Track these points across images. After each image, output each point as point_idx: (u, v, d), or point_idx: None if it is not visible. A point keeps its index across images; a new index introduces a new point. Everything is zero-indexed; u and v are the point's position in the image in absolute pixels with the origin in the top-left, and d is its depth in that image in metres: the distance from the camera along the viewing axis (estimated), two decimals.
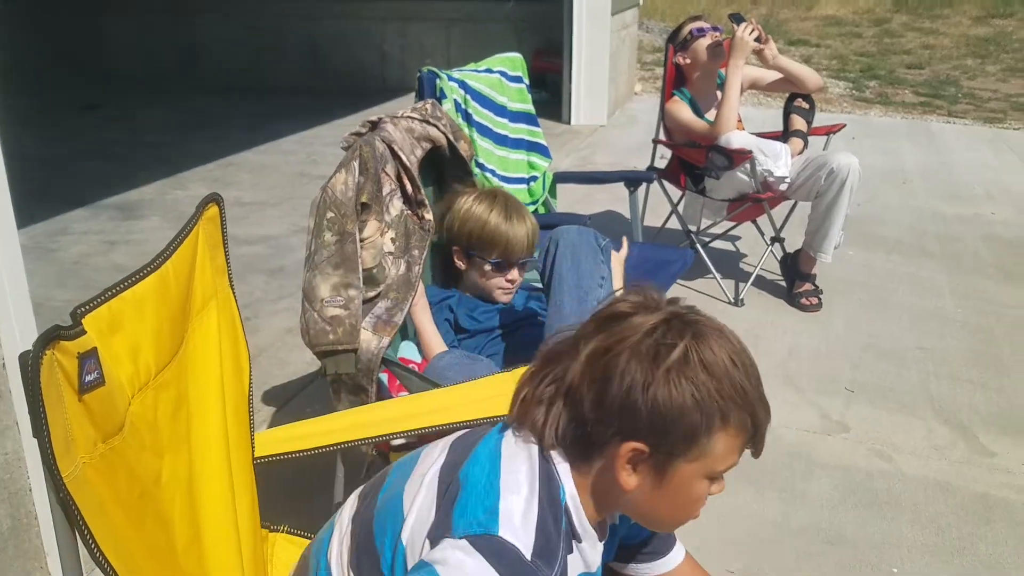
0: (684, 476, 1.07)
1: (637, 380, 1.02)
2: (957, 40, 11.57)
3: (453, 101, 2.77)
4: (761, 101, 8.09)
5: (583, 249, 1.99)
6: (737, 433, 1.07)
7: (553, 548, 1.04)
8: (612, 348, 1.05)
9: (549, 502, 1.06)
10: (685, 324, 1.07)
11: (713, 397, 1.03)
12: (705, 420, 1.04)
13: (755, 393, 1.08)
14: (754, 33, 3.56)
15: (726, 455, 1.08)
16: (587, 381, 1.06)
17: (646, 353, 1.03)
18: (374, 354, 1.91)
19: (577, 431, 1.07)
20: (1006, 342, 3.45)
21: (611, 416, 1.04)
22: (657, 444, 1.04)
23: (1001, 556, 2.28)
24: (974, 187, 5.58)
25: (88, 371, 1.06)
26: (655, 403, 1.02)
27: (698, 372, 1.03)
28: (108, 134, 7.04)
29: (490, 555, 0.99)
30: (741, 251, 4.38)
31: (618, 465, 1.06)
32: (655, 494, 1.09)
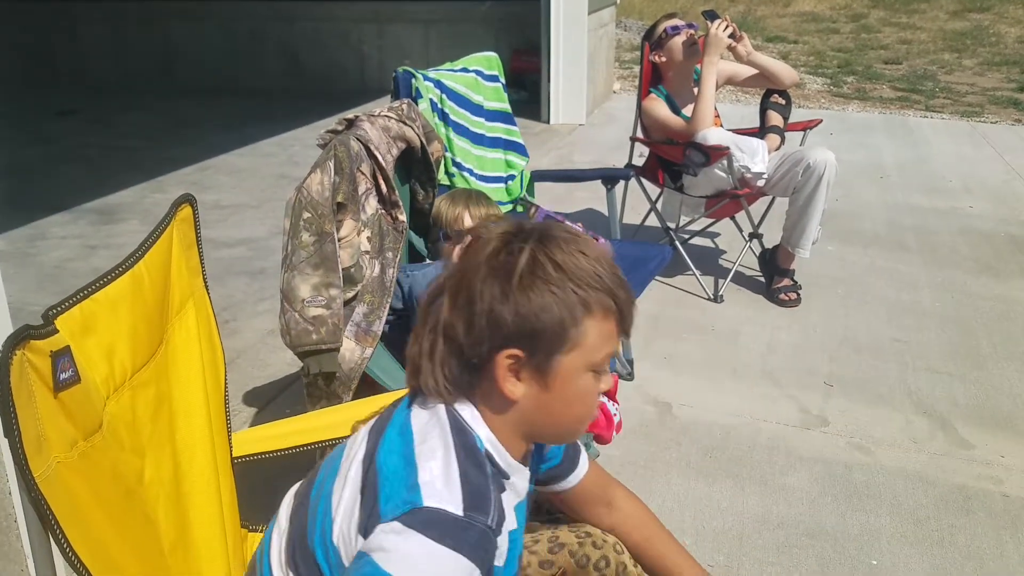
0: (566, 371, 1.11)
1: (495, 294, 1.07)
2: (934, 35, 11.65)
3: (429, 100, 2.77)
4: (739, 98, 8.13)
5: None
6: (604, 317, 1.11)
7: (484, 495, 1.07)
8: (467, 272, 1.09)
9: (467, 454, 1.09)
10: (528, 232, 1.11)
11: (570, 289, 1.07)
12: (569, 312, 1.08)
13: (610, 276, 1.11)
14: (728, 30, 3.58)
15: (601, 342, 1.11)
16: (455, 312, 1.10)
17: (497, 267, 1.08)
18: (356, 364, 1.91)
19: (460, 363, 1.11)
20: (983, 334, 3.48)
21: (482, 334, 1.08)
22: (531, 347, 1.08)
23: (980, 547, 2.30)
24: (951, 181, 5.62)
25: (62, 369, 1.06)
26: (517, 310, 1.06)
27: (549, 271, 1.07)
28: (85, 139, 6.99)
29: (423, 527, 1.01)
30: (720, 247, 4.39)
31: (500, 377, 1.09)
32: (544, 397, 1.12)
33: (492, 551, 1.05)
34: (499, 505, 1.09)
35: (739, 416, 2.90)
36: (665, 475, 2.60)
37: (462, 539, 1.02)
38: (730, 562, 2.24)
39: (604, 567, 1.36)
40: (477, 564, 1.02)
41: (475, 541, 1.03)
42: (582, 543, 1.36)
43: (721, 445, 2.74)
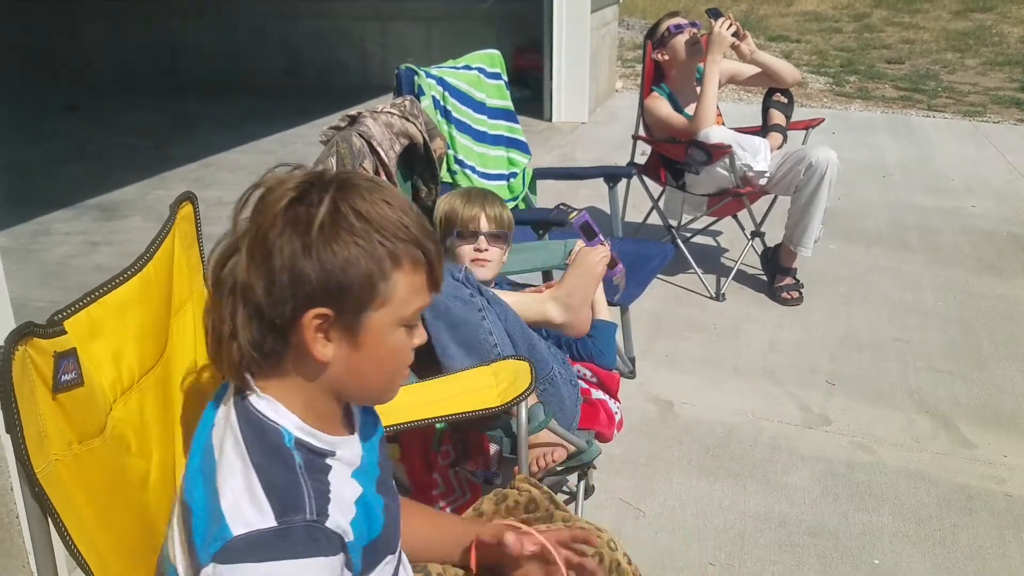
0: (377, 328, 1.06)
1: (296, 248, 1.00)
2: (937, 34, 11.63)
3: (431, 98, 2.76)
4: (741, 96, 8.12)
5: (446, 299, 1.87)
6: (413, 270, 1.06)
7: (294, 492, 1.01)
8: (263, 226, 1.02)
9: (269, 455, 1.03)
10: (327, 181, 1.05)
11: (376, 241, 1.02)
12: (376, 265, 1.02)
13: (417, 227, 1.06)
14: (731, 28, 3.57)
15: (411, 296, 1.07)
16: (253, 270, 1.02)
17: (296, 218, 1.01)
18: None
19: (262, 327, 1.04)
20: (985, 334, 3.47)
21: (284, 293, 1.01)
22: (339, 304, 1.02)
23: (982, 546, 2.30)
24: (954, 180, 5.62)
25: (65, 371, 1.05)
26: (321, 264, 1.00)
27: (353, 222, 1.01)
28: (88, 136, 6.99)
29: (244, 555, 0.96)
30: (722, 246, 4.39)
31: (309, 339, 1.03)
32: (355, 357, 1.06)
33: (329, 536, 1.01)
34: (321, 490, 1.03)
35: (741, 415, 2.90)
36: (666, 473, 2.59)
37: (287, 546, 0.97)
38: (732, 561, 2.24)
39: (598, 562, 1.36)
40: (321, 554, 0.99)
41: (302, 540, 0.98)
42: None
43: (723, 443, 2.74)
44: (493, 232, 2.23)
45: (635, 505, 2.45)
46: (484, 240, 2.23)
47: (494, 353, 1.84)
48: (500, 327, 1.88)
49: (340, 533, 1.02)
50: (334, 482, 1.07)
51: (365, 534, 1.09)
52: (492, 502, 1.50)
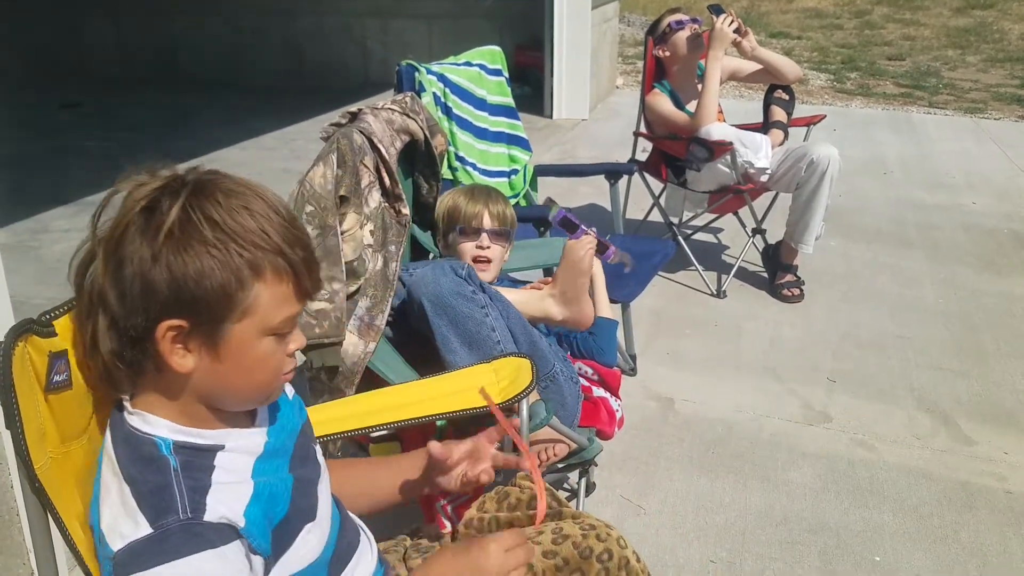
0: (239, 339, 1.02)
1: (145, 256, 0.96)
2: (938, 31, 11.62)
3: (432, 94, 2.76)
4: (742, 93, 8.11)
5: (448, 296, 1.87)
6: (277, 280, 1.02)
7: (163, 495, 0.99)
8: (115, 233, 0.99)
9: (144, 468, 1.02)
10: (182, 185, 1.01)
11: (233, 251, 0.98)
12: (233, 275, 0.98)
13: (281, 235, 1.02)
14: (733, 24, 3.56)
15: (276, 306, 1.03)
16: (107, 279, 0.99)
17: (146, 226, 0.97)
18: (359, 359, 1.90)
19: (119, 336, 1.01)
20: (986, 330, 3.47)
21: (135, 303, 0.98)
22: (194, 315, 0.99)
23: (983, 543, 2.30)
24: (955, 177, 5.61)
25: (57, 371, 1.05)
26: (171, 274, 0.97)
27: (204, 230, 0.97)
28: (88, 132, 6.99)
29: (130, 569, 0.95)
30: (723, 243, 4.39)
31: (165, 350, 1.00)
32: (218, 368, 1.03)
33: (212, 528, 0.99)
34: (196, 487, 1.01)
35: (742, 412, 2.90)
36: (667, 471, 2.59)
37: (168, 549, 0.96)
38: (732, 558, 2.24)
39: (607, 559, 1.35)
40: (208, 547, 0.97)
41: (181, 540, 0.96)
42: (586, 535, 1.36)
43: (723, 441, 2.74)
44: (496, 230, 2.24)
45: (636, 502, 2.45)
46: (487, 237, 2.24)
47: (497, 349, 1.83)
48: (503, 324, 1.88)
49: (227, 523, 1.00)
50: (220, 475, 1.05)
51: (269, 517, 1.07)
52: (494, 500, 1.50)
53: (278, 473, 1.13)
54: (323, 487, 1.23)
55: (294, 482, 1.14)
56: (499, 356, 1.78)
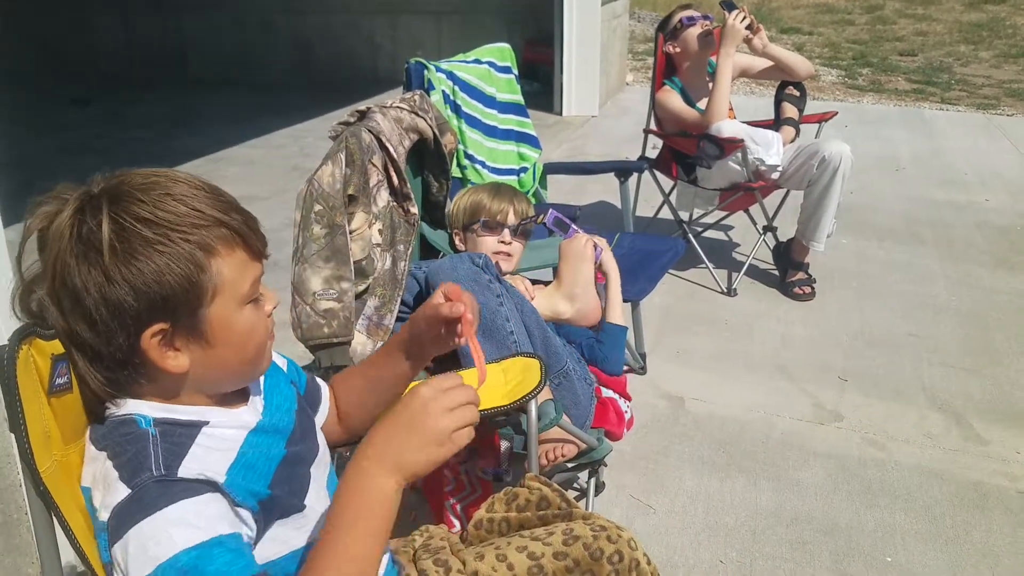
0: (219, 319, 1.03)
1: (99, 279, 0.96)
2: (950, 26, 11.55)
3: (441, 92, 2.75)
4: (753, 90, 8.08)
5: (462, 280, 1.87)
6: (229, 250, 1.02)
7: (138, 457, 1.00)
8: (56, 269, 0.98)
9: (122, 442, 1.02)
10: (97, 198, 0.99)
11: (175, 242, 0.98)
12: (190, 263, 0.99)
13: (212, 206, 1.02)
14: (745, 21, 3.54)
15: (239, 275, 1.04)
16: (70, 317, 0.99)
17: (84, 251, 0.97)
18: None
19: (105, 365, 1.01)
20: (999, 329, 3.44)
21: (110, 327, 0.98)
22: (171, 314, 0.99)
23: (995, 544, 2.28)
24: (967, 174, 5.57)
25: (59, 374, 1.05)
26: (131, 286, 0.96)
27: (143, 231, 0.97)
28: (97, 130, 7.00)
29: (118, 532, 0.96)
30: (734, 240, 4.37)
31: (156, 357, 1.01)
32: (212, 354, 1.04)
33: (187, 482, 0.99)
34: (174, 449, 1.01)
35: (752, 411, 2.88)
36: (677, 470, 2.58)
37: (146, 504, 0.96)
38: (743, 558, 2.22)
39: (617, 561, 1.34)
40: (184, 497, 0.97)
41: (155, 493, 0.96)
42: (596, 536, 1.35)
43: (734, 440, 2.73)
44: (519, 227, 2.27)
45: (645, 502, 2.44)
46: (509, 233, 2.26)
47: (510, 340, 1.83)
48: (517, 316, 1.88)
49: (204, 479, 1.01)
50: (203, 441, 1.05)
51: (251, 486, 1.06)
52: (503, 501, 1.50)
53: (271, 449, 1.13)
54: (317, 470, 1.22)
55: (284, 456, 1.14)
56: (507, 356, 1.77)
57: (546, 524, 1.43)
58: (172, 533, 0.95)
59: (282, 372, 1.29)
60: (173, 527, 0.95)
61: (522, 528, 1.45)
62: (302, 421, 1.23)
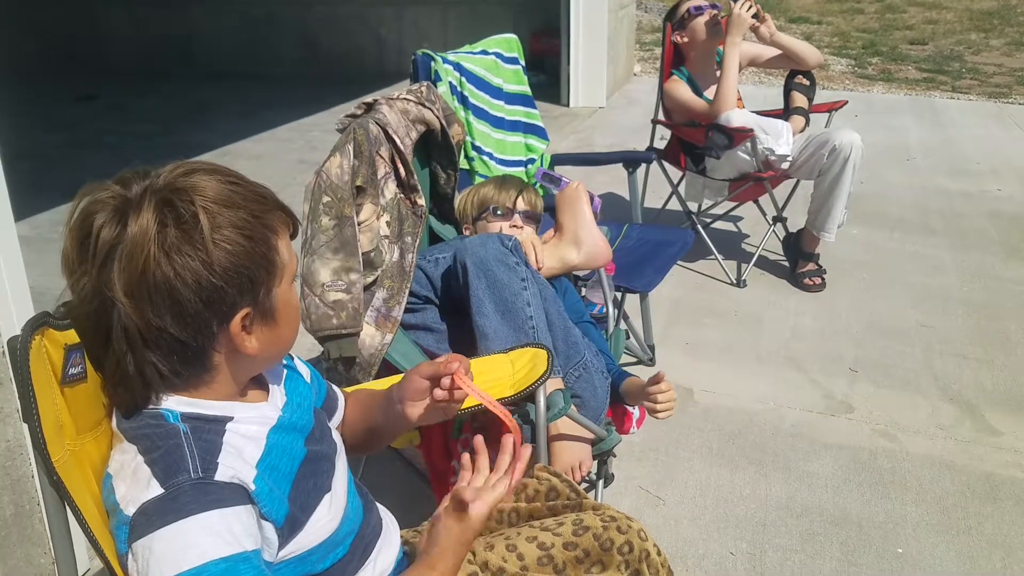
0: (283, 298, 1.10)
1: (196, 268, 0.99)
2: (960, 14, 11.46)
3: (448, 84, 2.74)
4: (762, 79, 8.03)
5: (491, 261, 1.87)
6: (285, 231, 1.10)
7: (175, 456, 1.00)
8: (145, 268, 0.98)
9: (152, 437, 1.03)
10: (176, 191, 1.01)
11: (253, 224, 1.04)
12: (265, 244, 1.05)
13: (266, 191, 1.10)
14: (752, 10, 3.52)
15: (291, 254, 1.11)
16: (151, 312, 0.99)
17: (179, 242, 0.99)
18: (377, 350, 1.89)
19: (183, 357, 1.04)
20: (1012, 319, 3.42)
21: (201, 316, 1.01)
22: (254, 296, 1.05)
23: (1007, 535, 2.27)
24: (979, 163, 5.53)
25: (73, 364, 1.05)
26: (225, 270, 1.00)
27: (227, 214, 1.02)
28: (104, 124, 7.01)
29: (145, 529, 0.96)
30: (743, 231, 4.35)
31: (239, 342, 1.06)
32: (275, 332, 1.10)
33: (223, 488, 1.00)
34: (208, 448, 1.03)
35: (762, 402, 2.87)
36: (687, 461, 2.57)
37: (179, 507, 0.96)
38: (753, 549, 2.22)
39: (628, 552, 1.34)
40: (218, 506, 0.98)
41: (192, 498, 0.97)
42: (607, 527, 1.35)
43: (744, 431, 2.72)
44: (528, 212, 2.28)
45: (655, 493, 2.44)
46: (519, 218, 2.26)
47: (528, 325, 1.83)
48: (538, 302, 1.88)
49: (238, 483, 1.02)
50: (231, 439, 1.06)
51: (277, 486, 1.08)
52: (512, 492, 1.49)
53: (292, 446, 1.14)
54: (340, 462, 1.24)
55: (305, 455, 1.15)
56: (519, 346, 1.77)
57: (556, 514, 1.43)
58: (201, 541, 0.95)
59: (302, 375, 1.30)
60: (203, 535, 0.96)
61: (532, 518, 1.45)
62: (320, 421, 1.25)
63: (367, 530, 1.26)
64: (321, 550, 1.14)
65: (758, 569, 2.16)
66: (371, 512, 1.30)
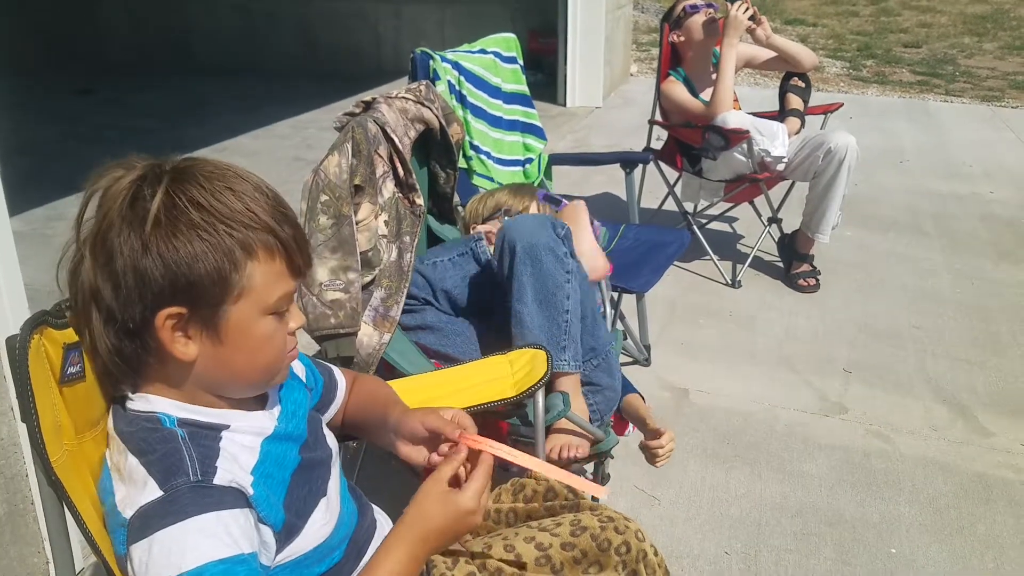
0: (239, 321, 1.03)
1: (135, 246, 0.97)
2: (954, 18, 11.50)
3: (447, 82, 2.74)
4: (757, 81, 8.06)
5: (541, 249, 1.86)
6: (269, 258, 1.03)
7: (175, 460, 1.00)
8: (101, 226, 0.99)
9: (150, 440, 1.02)
10: (161, 172, 1.01)
11: (219, 233, 0.99)
12: (226, 258, 0.99)
13: (269, 213, 1.03)
14: (748, 11, 3.53)
15: (271, 284, 1.03)
16: (99, 274, 0.99)
17: (131, 216, 0.97)
18: (374, 350, 1.89)
19: (116, 331, 1.01)
20: (1003, 321, 3.44)
21: (131, 295, 0.98)
22: (191, 301, 1.00)
23: (1000, 536, 2.28)
24: (971, 166, 5.56)
25: (71, 363, 1.05)
26: (163, 262, 0.97)
27: (191, 214, 0.98)
28: (101, 119, 6.99)
29: (144, 532, 0.96)
30: (738, 232, 4.36)
31: (166, 340, 1.01)
32: (221, 352, 1.04)
33: (222, 491, 1.00)
34: (206, 453, 1.02)
35: (757, 402, 2.88)
36: (682, 462, 2.58)
37: (178, 509, 0.96)
38: (748, 550, 2.23)
39: (625, 552, 1.35)
40: (216, 508, 0.98)
41: (191, 500, 0.97)
42: (604, 527, 1.35)
43: (738, 432, 2.73)
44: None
45: (650, 493, 2.45)
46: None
47: (563, 319, 1.84)
48: (577, 298, 1.89)
49: (236, 487, 1.01)
50: (227, 445, 1.06)
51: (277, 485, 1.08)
52: (510, 492, 1.50)
53: (286, 456, 1.14)
54: (334, 467, 1.24)
55: (299, 464, 1.15)
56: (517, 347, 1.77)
57: (553, 515, 1.43)
58: (200, 543, 0.95)
59: (299, 380, 1.29)
60: (202, 537, 0.96)
61: (529, 519, 1.45)
62: (313, 427, 1.24)
63: (360, 532, 1.26)
64: (316, 554, 1.14)
65: (753, 569, 2.17)
66: (365, 515, 1.30)
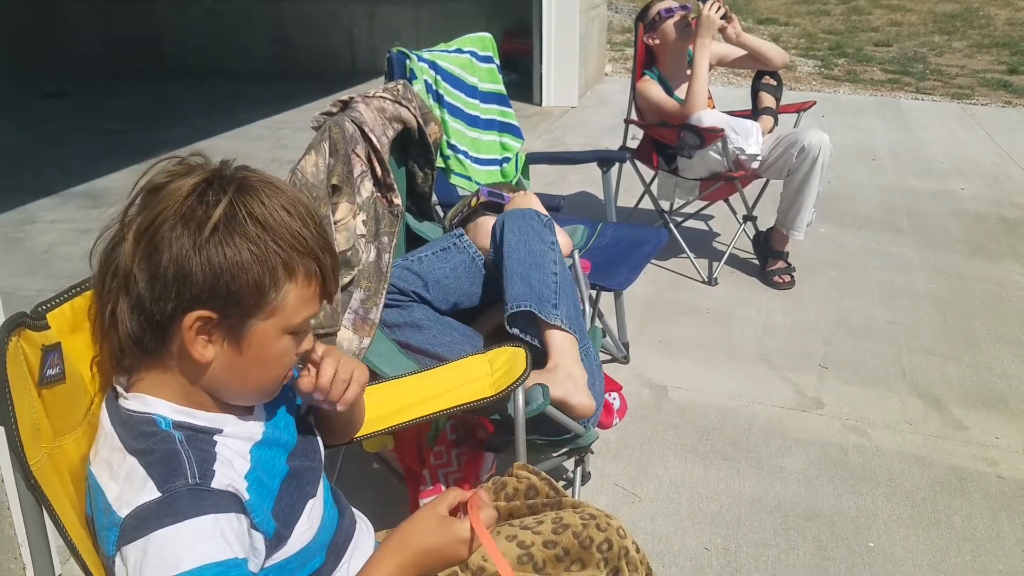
0: (262, 335, 1.05)
1: (186, 245, 0.99)
2: (924, 17, 11.64)
3: (423, 82, 2.74)
4: (730, 80, 8.10)
5: (529, 222, 2.02)
6: (306, 282, 1.06)
7: (172, 460, 1.00)
8: (156, 219, 1.00)
9: (148, 441, 1.02)
10: (227, 180, 1.03)
11: (271, 250, 1.01)
12: (269, 274, 1.02)
13: (316, 239, 1.06)
14: (720, 11, 3.55)
15: (301, 306, 1.06)
16: (138, 260, 1.01)
17: (189, 216, 0.99)
18: (354, 354, 1.89)
19: (141, 320, 1.02)
20: (977, 316, 3.48)
21: (167, 290, 1.00)
22: (224, 308, 1.01)
23: (976, 528, 2.31)
24: (943, 163, 5.62)
25: (50, 365, 1.04)
26: (209, 265, 0.99)
27: (248, 226, 1.00)
28: (72, 122, 6.93)
29: (139, 530, 0.96)
30: (714, 230, 4.38)
31: (189, 339, 1.02)
32: (237, 361, 1.06)
33: (219, 495, 1.00)
34: (203, 457, 1.03)
35: (735, 399, 2.90)
36: (662, 458, 2.59)
37: (175, 511, 0.96)
38: (727, 545, 2.24)
39: (607, 549, 1.35)
40: (214, 511, 0.98)
41: (188, 502, 0.97)
42: (586, 525, 1.35)
43: (717, 428, 2.74)
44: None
45: (630, 490, 2.45)
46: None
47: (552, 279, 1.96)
48: (565, 272, 2.02)
49: (233, 492, 1.02)
50: (222, 450, 1.06)
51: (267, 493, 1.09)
52: (491, 491, 1.50)
53: (274, 462, 1.14)
54: (322, 476, 1.25)
55: (287, 473, 1.15)
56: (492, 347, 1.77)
57: (535, 513, 1.43)
58: (197, 545, 0.95)
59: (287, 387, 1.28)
60: (199, 539, 0.96)
61: (511, 517, 1.45)
62: (304, 434, 1.24)
63: (339, 535, 1.26)
64: (298, 559, 1.14)
65: (733, 564, 2.18)
66: (344, 516, 1.30)
